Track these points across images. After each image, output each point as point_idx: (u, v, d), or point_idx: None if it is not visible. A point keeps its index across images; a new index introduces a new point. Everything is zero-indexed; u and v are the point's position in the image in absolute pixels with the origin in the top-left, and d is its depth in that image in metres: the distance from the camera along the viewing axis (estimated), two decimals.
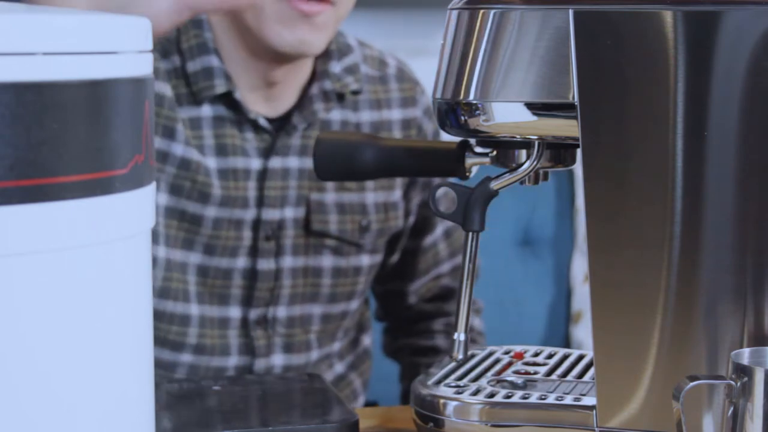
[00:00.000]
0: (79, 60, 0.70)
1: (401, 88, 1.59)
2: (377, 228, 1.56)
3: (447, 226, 1.64)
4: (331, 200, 1.52)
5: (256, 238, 1.49)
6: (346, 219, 1.53)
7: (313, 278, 1.53)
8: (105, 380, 0.73)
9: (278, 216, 1.50)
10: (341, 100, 1.54)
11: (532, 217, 2.20)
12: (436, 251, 1.64)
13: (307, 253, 1.52)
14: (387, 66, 1.60)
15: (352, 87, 1.54)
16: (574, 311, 2.19)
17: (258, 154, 1.49)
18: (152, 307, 0.79)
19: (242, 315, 1.51)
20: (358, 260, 1.55)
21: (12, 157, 0.67)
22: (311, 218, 1.51)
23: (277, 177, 1.49)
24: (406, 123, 1.58)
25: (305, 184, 1.50)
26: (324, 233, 1.52)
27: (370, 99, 1.56)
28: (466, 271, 1.07)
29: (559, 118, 1.02)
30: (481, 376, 1.15)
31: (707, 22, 0.98)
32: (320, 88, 1.52)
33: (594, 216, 1.02)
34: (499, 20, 1.02)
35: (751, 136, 0.98)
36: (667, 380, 1.00)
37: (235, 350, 1.51)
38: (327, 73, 1.52)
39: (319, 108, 1.51)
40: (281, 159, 1.50)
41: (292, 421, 1.09)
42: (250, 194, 1.48)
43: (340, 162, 1.13)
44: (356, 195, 1.54)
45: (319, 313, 1.54)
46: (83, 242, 0.71)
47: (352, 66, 1.55)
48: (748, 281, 1.00)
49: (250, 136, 1.49)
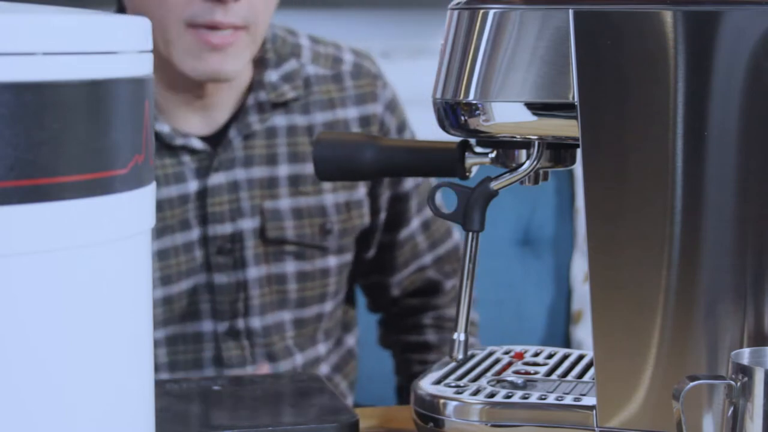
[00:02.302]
0: (79, 60, 0.70)
1: (357, 85, 1.57)
2: (340, 228, 1.54)
3: (424, 217, 1.62)
4: (287, 206, 1.51)
5: (207, 254, 1.49)
6: (304, 223, 1.52)
7: (278, 285, 1.52)
8: (105, 380, 0.73)
9: (230, 230, 1.49)
10: (283, 106, 1.52)
11: (532, 217, 2.20)
12: (414, 243, 1.63)
13: (268, 262, 1.51)
14: (342, 63, 1.57)
15: (288, 95, 1.52)
16: (574, 311, 2.19)
17: (195, 175, 1.48)
18: (152, 307, 0.79)
19: (213, 329, 1.51)
20: (324, 262, 1.54)
21: (12, 157, 0.67)
22: (266, 226, 1.50)
23: (223, 192, 1.48)
24: (364, 120, 1.56)
25: (256, 193, 1.50)
26: (281, 240, 1.51)
27: (322, 99, 1.54)
28: (466, 271, 1.07)
29: (559, 118, 1.02)
30: (481, 376, 1.15)
31: (707, 22, 0.98)
32: (255, 99, 1.50)
33: (594, 216, 1.02)
34: (499, 20, 1.02)
35: (751, 136, 0.98)
36: (667, 380, 1.00)
37: (209, 363, 1.51)
38: (262, 84, 1.50)
39: (253, 120, 1.50)
40: (225, 173, 1.49)
41: (292, 421, 1.09)
42: (190, 215, 1.48)
43: (339, 162, 1.13)
44: (314, 198, 1.52)
45: (291, 319, 1.54)
46: (83, 242, 0.71)
47: (291, 73, 1.53)
48: (748, 281, 1.00)
49: (186, 158, 1.48)
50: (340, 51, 1.59)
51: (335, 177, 1.18)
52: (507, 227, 2.17)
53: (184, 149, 1.47)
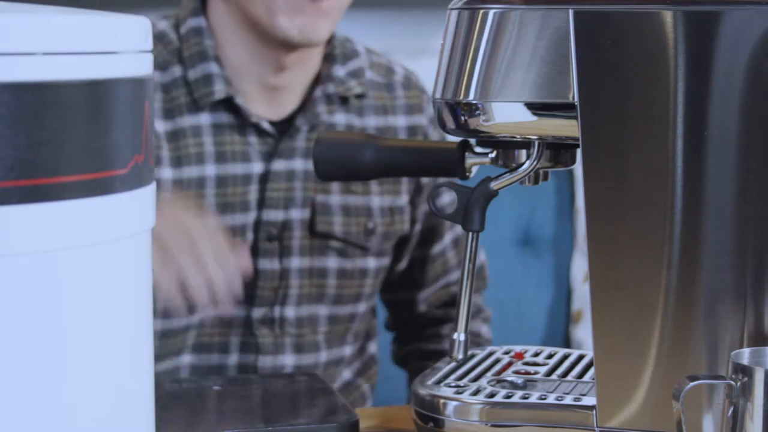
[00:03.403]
0: (79, 60, 0.70)
1: (407, 96, 1.61)
2: (383, 231, 1.57)
3: (456, 234, 1.65)
4: (336, 202, 1.54)
5: (257, 239, 1.50)
6: (351, 221, 1.54)
7: (319, 279, 1.54)
8: (105, 380, 0.73)
9: (282, 217, 1.51)
10: (344, 104, 1.55)
11: (532, 217, 2.20)
12: (445, 259, 1.65)
13: (312, 254, 1.53)
14: (394, 73, 1.62)
15: (355, 90, 1.55)
16: (574, 311, 2.19)
17: (260, 158, 1.51)
18: (152, 307, 0.79)
19: (245, 314, 1.51)
20: (364, 262, 1.56)
21: (12, 157, 0.67)
22: (316, 220, 1.52)
23: (281, 179, 1.51)
24: (412, 129, 1.60)
25: (310, 185, 1.52)
26: (328, 235, 1.53)
27: (376, 105, 1.58)
28: (466, 271, 1.07)
29: (559, 118, 1.02)
30: (481, 376, 1.15)
31: (707, 22, 0.98)
32: (323, 92, 1.54)
33: (594, 216, 1.02)
34: (499, 20, 1.02)
35: (751, 135, 0.98)
36: (667, 380, 1.00)
37: (236, 348, 1.51)
38: (330, 77, 1.54)
39: (321, 111, 1.53)
40: (285, 161, 1.51)
41: (292, 421, 1.09)
42: (251, 197, 1.50)
43: (340, 162, 1.13)
44: (361, 198, 1.55)
45: (326, 314, 1.55)
46: (83, 242, 0.71)
47: (356, 70, 1.57)
48: (748, 281, 1.00)
49: (254, 140, 1.51)
50: (391, 63, 1.63)
51: (336, 177, 1.18)
52: (507, 227, 2.17)
53: (254, 128, 1.50)
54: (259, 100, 1.52)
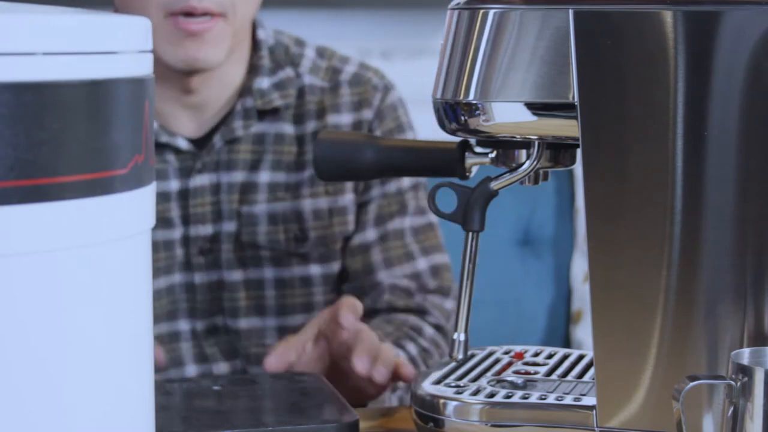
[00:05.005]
0: (79, 60, 0.70)
1: (353, 93, 1.58)
2: (317, 235, 1.54)
3: (383, 230, 1.59)
4: (262, 211, 1.52)
5: (189, 254, 1.51)
6: (278, 229, 1.53)
7: (256, 290, 1.53)
8: (105, 380, 0.73)
9: (211, 231, 1.51)
10: (265, 116, 1.53)
11: (532, 217, 2.20)
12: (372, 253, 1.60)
13: (245, 266, 1.52)
14: (341, 73, 1.58)
15: (275, 103, 1.53)
16: (574, 311, 2.19)
17: (178, 175, 1.50)
18: (152, 307, 0.79)
19: (191, 327, 1.52)
20: (304, 270, 1.54)
21: (12, 157, 0.67)
22: (242, 230, 1.52)
23: (205, 194, 1.51)
24: (356, 125, 1.56)
25: (235, 197, 1.51)
26: (254, 245, 1.52)
27: (316, 109, 1.55)
28: (465, 271, 1.07)
29: (559, 118, 1.02)
30: (481, 376, 1.15)
31: (707, 22, 0.98)
32: (242, 105, 1.52)
33: (594, 216, 1.02)
34: (499, 20, 1.02)
35: (751, 135, 0.98)
36: (667, 380, 1.00)
37: (190, 359, 1.51)
38: (250, 90, 1.53)
39: (237, 125, 1.52)
40: (208, 176, 1.51)
41: (292, 421, 1.09)
42: (173, 214, 1.50)
43: (340, 162, 1.13)
44: (290, 204, 1.53)
45: (274, 326, 1.54)
46: (83, 242, 0.71)
47: (284, 81, 1.54)
48: (748, 281, 1.00)
49: (171, 157, 1.50)
50: (344, 63, 1.59)
51: (336, 177, 1.18)
52: (507, 227, 2.17)
53: (169, 147, 1.50)
54: (180, 118, 1.52)
